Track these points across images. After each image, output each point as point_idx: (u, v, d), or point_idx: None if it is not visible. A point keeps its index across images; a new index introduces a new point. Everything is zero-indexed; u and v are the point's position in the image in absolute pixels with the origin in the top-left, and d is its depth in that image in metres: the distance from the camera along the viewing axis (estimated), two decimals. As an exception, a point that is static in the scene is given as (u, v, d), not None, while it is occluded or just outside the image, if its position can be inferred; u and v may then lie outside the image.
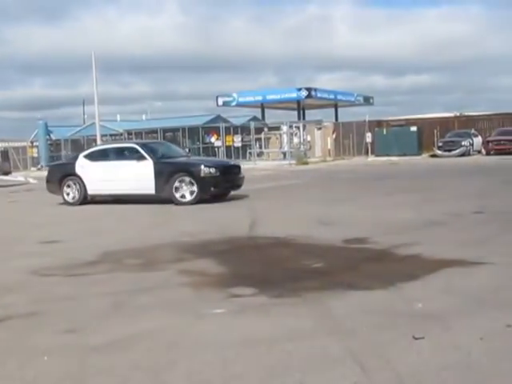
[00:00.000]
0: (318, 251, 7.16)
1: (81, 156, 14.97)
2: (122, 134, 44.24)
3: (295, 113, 43.55)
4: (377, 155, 34.89)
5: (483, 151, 33.21)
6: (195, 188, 13.16)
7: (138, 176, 13.61)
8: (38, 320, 4.75)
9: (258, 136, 37.58)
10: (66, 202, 14.39)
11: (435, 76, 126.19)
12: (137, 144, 14.72)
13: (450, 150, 32.39)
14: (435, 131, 36.47)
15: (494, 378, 3.30)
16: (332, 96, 42.96)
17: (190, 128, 41.69)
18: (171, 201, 13.18)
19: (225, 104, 43.03)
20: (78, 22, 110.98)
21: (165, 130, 42.08)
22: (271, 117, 45.80)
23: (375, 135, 36.33)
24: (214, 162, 15.67)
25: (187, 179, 13.24)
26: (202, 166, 13.46)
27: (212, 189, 13.43)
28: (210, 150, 38.36)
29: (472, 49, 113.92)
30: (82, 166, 14.42)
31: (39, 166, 40.55)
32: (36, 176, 30.75)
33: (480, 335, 3.88)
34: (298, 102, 41.24)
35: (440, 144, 33.59)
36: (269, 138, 38.46)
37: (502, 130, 33.91)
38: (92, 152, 15.13)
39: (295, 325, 4.30)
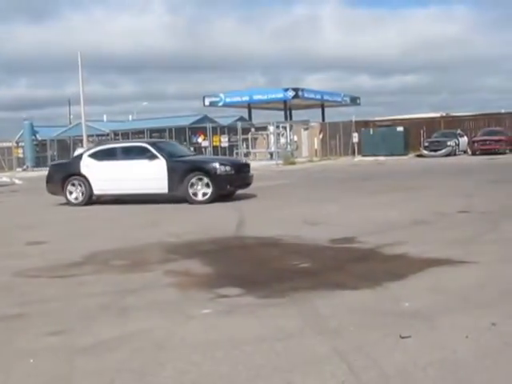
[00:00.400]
0: (305, 251, 7.17)
1: (85, 155, 14.59)
2: (108, 135, 44.03)
3: (282, 113, 43.62)
4: (363, 155, 35.06)
5: (469, 151, 33.55)
6: (210, 186, 12.99)
7: (150, 175, 13.39)
8: (24, 322, 4.72)
9: (245, 136, 37.58)
10: (70, 203, 14.03)
11: (422, 76, 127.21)
12: (147, 143, 14.46)
13: (436, 150, 32.64)
14: (421, 131, 36.76)
15: (480, 375, 3.33)
16: (319, 96, 43.08)
17: (176, 128, 41.53)
18: (184, 200, 13.02)
19: (212, 104, 42.99)
20: (64, 21, 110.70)
21: (151, 131, 41.91)
22: (258, 117, 45.91)
23: (362, 135, 36.52)
24: (227, 160, 15.57)
25: (202, 178, 13.06)
26: (218, 164, 13.30)
27: (228, 187, 13.29)
28: (196, 151, 38.21)
29: (458, 49, 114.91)
30: (88, 166, 14.10)
31: (25, 167, 40.24)
32: (22, 177, 30.54)
33: (465, 333, 3.91)
34: (285, 102, 41.30)
35: (426, 144, 33.85)
36: (256, 139, 38.49)
37: (488, 130, 34.26)
38: (98, 151, 14.60)
39: (283, 325, 4.31)
